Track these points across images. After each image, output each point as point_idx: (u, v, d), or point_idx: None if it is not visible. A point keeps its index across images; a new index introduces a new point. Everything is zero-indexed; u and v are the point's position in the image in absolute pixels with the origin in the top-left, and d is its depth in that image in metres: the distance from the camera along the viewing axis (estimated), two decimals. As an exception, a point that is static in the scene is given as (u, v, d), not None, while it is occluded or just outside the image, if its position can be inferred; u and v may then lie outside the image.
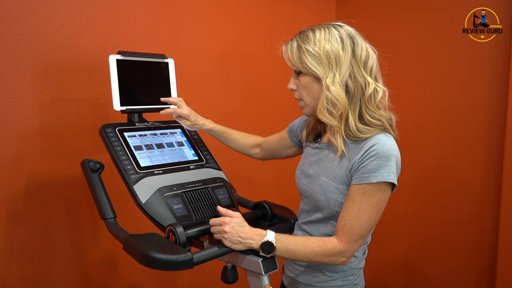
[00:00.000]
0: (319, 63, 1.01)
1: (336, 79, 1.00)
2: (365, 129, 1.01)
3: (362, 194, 0.98)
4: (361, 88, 1.01)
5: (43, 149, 1.40)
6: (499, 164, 1.92)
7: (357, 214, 0.99)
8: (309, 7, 2.38)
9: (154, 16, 1.67)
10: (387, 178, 0.96)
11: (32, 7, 1.34)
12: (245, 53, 2.06)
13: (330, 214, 1.08)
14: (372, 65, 1.03)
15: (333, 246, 1.01)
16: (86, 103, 1.49)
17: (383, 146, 0.98)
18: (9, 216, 1.34)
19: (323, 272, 1.13)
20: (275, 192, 2.24)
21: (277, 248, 1.01)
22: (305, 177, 1.15)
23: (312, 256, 1.01)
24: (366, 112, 1.02)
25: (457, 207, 2.09)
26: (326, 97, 1.00)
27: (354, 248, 1.02)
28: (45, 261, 1.43)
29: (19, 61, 1.32)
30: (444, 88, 2.08)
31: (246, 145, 1.44)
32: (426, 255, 2.23)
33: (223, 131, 1.39)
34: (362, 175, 0.98)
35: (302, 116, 1.30)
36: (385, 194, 0.99)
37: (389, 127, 1.04)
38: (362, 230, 1.00)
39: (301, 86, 1.07)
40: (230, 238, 1.00)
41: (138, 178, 1.12)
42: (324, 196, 1.07)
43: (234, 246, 1.01)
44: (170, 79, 1.33)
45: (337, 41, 1.01)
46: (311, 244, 1.02)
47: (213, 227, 1.04)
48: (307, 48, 1.02)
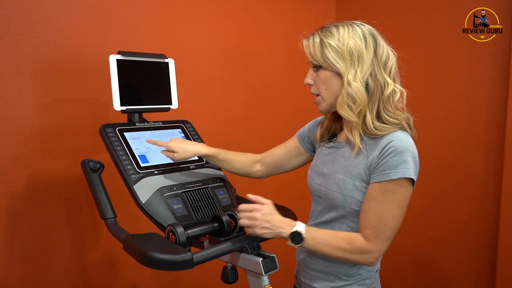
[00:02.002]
0: (342, 59, 1.01)
1: (357, 76, 1.00)
2: (382, 126, 1.01)
3: (384, 193, 0.98)
4: (381, 87, 1.02)
5: (43, 149, 1.40)
6: (499, 164, 1.92)
7: (381, 213, 0.98)
8: (309, 7, 2.38)
9: (154, 16, 1.67)
10: (407, 173, 0.96)
11: (32, 7, 1.34)
12: (245, 53, 2.06)
13: (345, 213, 1.07)
14: (392, 66, 1.04)
15: (360, 244, 1.00)
16: (86, 103, 1.49)
17: (402, 142, 0.98)
18: (9, 216, 1.34)
19: (339, 276, 1.10)
20: (275, 192, 2.24)
21: (306, 239, 1.01)
22: (318, 176, 1.14)
23: (339, 252, 1.01)
24: (384, 111, 1.02)
25: (457, 207, 2.09)
26: (347, 92, 1.01)
27: (382, 249, 1.00)
28: (45, 261, 1.43)
29: (19, 61, 1.32)
30: (444, 88, 2.08)
31: (246, 163, 1.34)
32: (426, 255, 2.23)
33: (218, 152, 1.27)
34: (382, 173, 0.98)
35: (310, 121, 1.29)
36: (406, 191, 0.98)
37: (407, 126, 1.04)
38: (388, 229, 0.99)
39: (319, 81, 1.07)
40: (260, 225, 1.00)
41: (138, 178, 1.12)
42: (341, 193, 1.05)
43: (263, 232, 1.01)
44: (170, 79, 1.33)
45: (360, 39, 1.01)
46: (339, 239, 1.01)
47: (242, 213, 1.03)
48: (330, 43, 1.02)
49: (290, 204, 1.34)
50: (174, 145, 1.19)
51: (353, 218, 1.06)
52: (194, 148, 1.21)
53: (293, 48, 2.28)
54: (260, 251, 1.07)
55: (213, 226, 1.08)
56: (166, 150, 1.20)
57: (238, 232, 1.11)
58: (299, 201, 2.24)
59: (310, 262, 1.15)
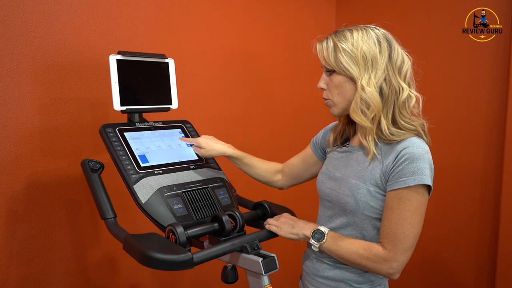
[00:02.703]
0: (355, 63, 1.00)
1: (371, 81, 0.99)
2: (397, 132, 1.00)
3: (400, 200, 0.96)
4: (395, 93, 1.01)
5: (43, 149, 1.40)
6: (499, 164, 1.92)
7: (397, 221, 0.96)
8: (309, 7, 2.38)
9: (154, 16, 1.67)
10: (424, 180, 0.94)
11: (32, 7, 1.34)
12: (245, 53, 2.06)
13: (356, 219, 1.05)
14: (407, 71, 1.03)
15: (377, 252, 0.99)
16: (86, 103, 1.49)
17: (417, 148, 0.97)
18: (9, 216, 1.34)
19: (350, 283, 1.09)
20: (275, 192, 2.24)
21: (327, 239, 1.04)
22: (330, 180, 1.13)
23: (357, 257, 1.00)
24: (400, 117, 1.01)
25: (458, 207, 2.09)
26: (360, 97, 1.00)
27: (401, 260, 0.97)
28: (45, 261, 1.43)
29: (19, 61, 1.32)
30: (444, 88, 2.08)
31: (268, 171, 1.36)
32: (426, 255, 2.23)
33: (243, 156, 1.32)
34: (398, 180, 0.96)
35: (323, 128, 1.29)
36: (423, 198, 0.97)
37: (422, 132, 1.03)
38: (406, 238, 0.96)
39: (332, 86, 1.06)
40: (286, 223, 1.10)
41: (138, 178, 1.12)
42: (353, 198, 1.04)
43: (289, 231, 1.09)
44: (170, 79, 1.33)
45: (375, 43, 1.00)
46: (358, 245, 1.01)
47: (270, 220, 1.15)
48: (343, 48, 1.00)
49: (290, 204, 1.35)
50: (203, 142, 1.27)
51: (364, 225, 1.05)
52: (220, 148, 1.28)
53: (293, 48, 2.29)
54: (260, 251, 1.07)
55: (213, 226, 1.08)
56: (195, 145, 1.29)
57: (238, 232, 1.11)
58: (299, 200, 2.24)
59: (319, 270, 1.13)
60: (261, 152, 2.17)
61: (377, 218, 1.03)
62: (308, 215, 1.25)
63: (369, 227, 1.05)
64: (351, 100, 1.03)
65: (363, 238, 1.06)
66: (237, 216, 1.11)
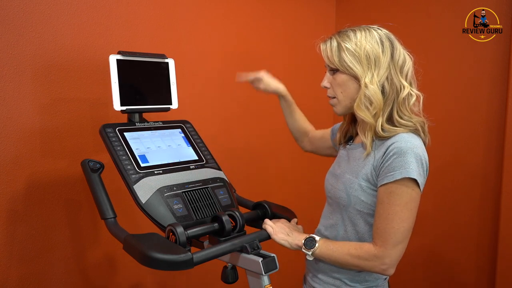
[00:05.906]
0: (359, 62, 1.02)
1: (374, 79, 1.01)
2: (390, 129, 1.02)
3: (389, 195, 0.98)
4: (396, 91, 1.03)
5: (43, 149, 1.40)
6: (499, 164, 1.92)
7: (387, 216, 0.98)
8: (309, 7, 2.38)
9: (154, 16, 1.67)
10: (409, 173, 0.95)
11: (32, 7, 1.34)
12: (245, 53, 2.06)
13: (350, 214, 1.07)
14: (408, 70, 1.05)
15: (368, 249, 1.00)
16: (86, 103, 1.49)
17: (405, 143, 0.98)
18: (9, 216, 1.34)
19: (344, 281, 1.10)
20: (275, 192, 2.24)
21: (319, 245, 1.05)
22: (332, 177, 1.16)
23: (349, 258, 1.02)
24: (398, 114, 1.03)
25: (458, 207, 2.09)
26: (364, 94, 1.02)
27: (392, 255, 0.98)
28: (45, 261, 1.43)
29: (19, 61, 1.32)
30: (444, 88, 2.08)
31: (302, 130, 1.48)
32: (426, 255, 2.23)
33: (292, 102, 1.45)
34: (386, 175, 0.98)
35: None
36: (412, 192, 0.97)
37: (420, 129, 1.04)
38: (396, 232, 0.97)
39: (335, 84, 1.08)
40: (282, 229, 1.12)
41: (138, 178, 1.12)
42: (346, 193, 1.07)
43: (282, 237, 1.10)
44: (170, 79, 1.33)
45: (377, 43, 1.03)
46: (349, 246, 1.03)
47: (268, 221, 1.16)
48: (347, 47, 1.03)
49: (290, 204, 1.35)
50: (264, 75, 1.40)
51: (356, 220, 1.07)
52: (275, 85, 1.41)
53: (293, 48, 2.29)
54: (260, 251, 1.07)
55: (213, 226, 1.08)
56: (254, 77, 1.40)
57: (238, 232, 1.11)
58: (299, 200, 2.24)
59: (318, 265, 1.15)
60: (261, 152, 2.17)
61: (369, 214, 1.05)
62: (308, 215, 1.25)
63: (361, 222, 1.06)
64: (354, 98, 1.06)
65: (357, 235, 1.07)
66: (237, 216, 1.11)
